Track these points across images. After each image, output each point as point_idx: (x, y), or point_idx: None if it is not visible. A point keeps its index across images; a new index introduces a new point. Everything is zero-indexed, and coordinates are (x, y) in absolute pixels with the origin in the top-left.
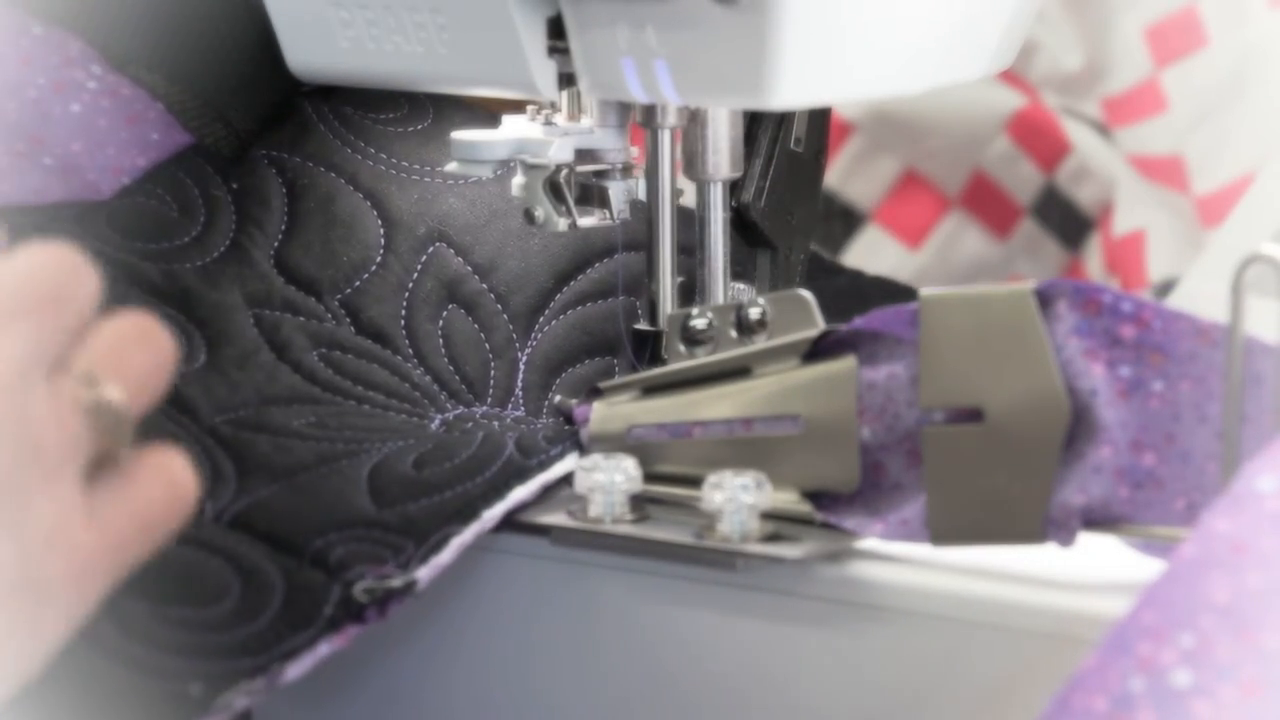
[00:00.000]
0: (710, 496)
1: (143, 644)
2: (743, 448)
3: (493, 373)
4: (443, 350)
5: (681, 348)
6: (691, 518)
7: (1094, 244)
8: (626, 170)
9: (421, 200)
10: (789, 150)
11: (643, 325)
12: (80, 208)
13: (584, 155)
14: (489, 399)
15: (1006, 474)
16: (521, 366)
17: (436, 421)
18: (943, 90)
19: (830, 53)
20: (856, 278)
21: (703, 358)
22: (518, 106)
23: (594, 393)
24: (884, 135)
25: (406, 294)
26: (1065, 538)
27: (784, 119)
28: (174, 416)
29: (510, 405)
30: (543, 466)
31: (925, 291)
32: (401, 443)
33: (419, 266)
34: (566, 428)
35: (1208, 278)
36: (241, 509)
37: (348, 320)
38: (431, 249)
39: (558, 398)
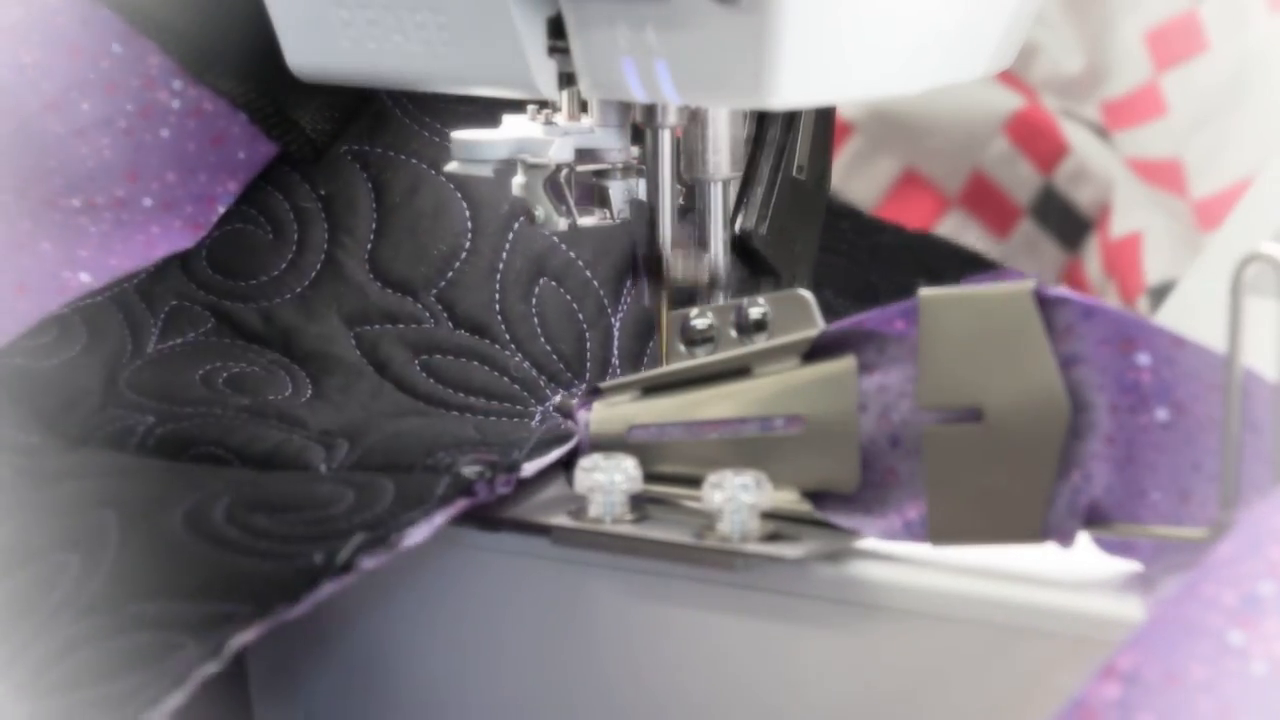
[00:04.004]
0: (710, 496)
1: (258, 534)
2: (743, 448)
3: (589, 345)
4: (539, 330)
5: (681, 348)
6: (691, 518)
7: (1093, 245)
8: (627, 170)
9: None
10: (791, 178)
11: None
12: (183, 255)
13: (584, 155)
14: (587, 373)
15: (1006, 474)
16: (616, 333)
17: (537, 418)
18: (942, 90)
19: (830, 53)
20: (899, 234)
21: (703, 358)
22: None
23: (594, 393)
24: (884, 135)
25: (498, 276)
26: (1065, 538)
27: (785, 146)
28: (284, 428)
29: (609, 376)
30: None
31: (924, 291)
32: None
33: (507, 245)
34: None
35: (1204, 279)
36: (354, 459)
37: (445, 316)
38: (517, 225)
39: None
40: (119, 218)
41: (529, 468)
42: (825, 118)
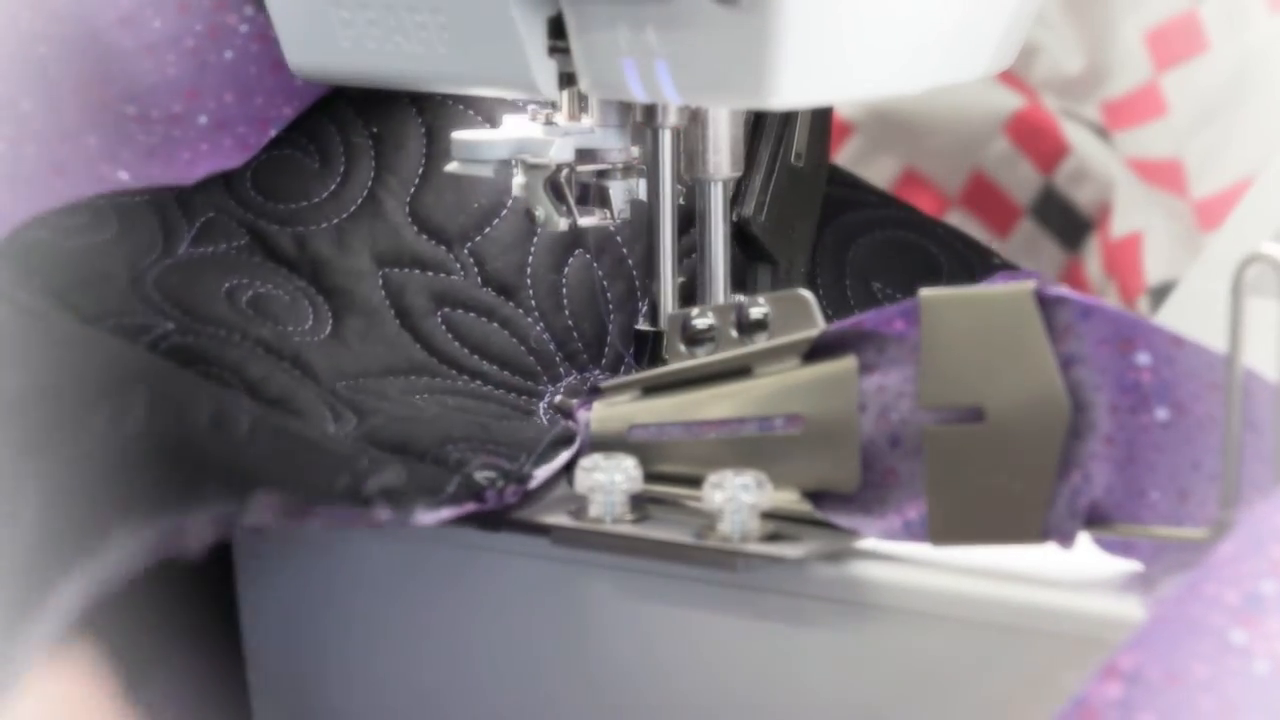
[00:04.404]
0: (710, 496)
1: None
2: (743, 448)
3: (610, 331)
4: (565, 304)
5: (682, 348)
6: (691, 518)
7: (1093, 245)
8: (627, 170)
9: None
10: (789, 165)
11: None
12: (227, 173)
13: (585, 155)
14: (602, 362)
15: (1006, 474)
16: (641, 320)
17: (544, 401)
18: (942, 90)
19: (830, 53)
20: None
21: (703, 358)
22: None
23: (594, 392)
24: (884, 135)
25: (534, 239)
26: (1065, 538)
27: (784, 134)
28: (295, 375)
29: (621, 371)
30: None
31: (925, 291)
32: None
33: None
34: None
35: (1204, 279)
36: (361, 434)
37: (475, 271)
38: None
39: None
40: (170, 133)
41: (539, 475)
42: (823, 107)
